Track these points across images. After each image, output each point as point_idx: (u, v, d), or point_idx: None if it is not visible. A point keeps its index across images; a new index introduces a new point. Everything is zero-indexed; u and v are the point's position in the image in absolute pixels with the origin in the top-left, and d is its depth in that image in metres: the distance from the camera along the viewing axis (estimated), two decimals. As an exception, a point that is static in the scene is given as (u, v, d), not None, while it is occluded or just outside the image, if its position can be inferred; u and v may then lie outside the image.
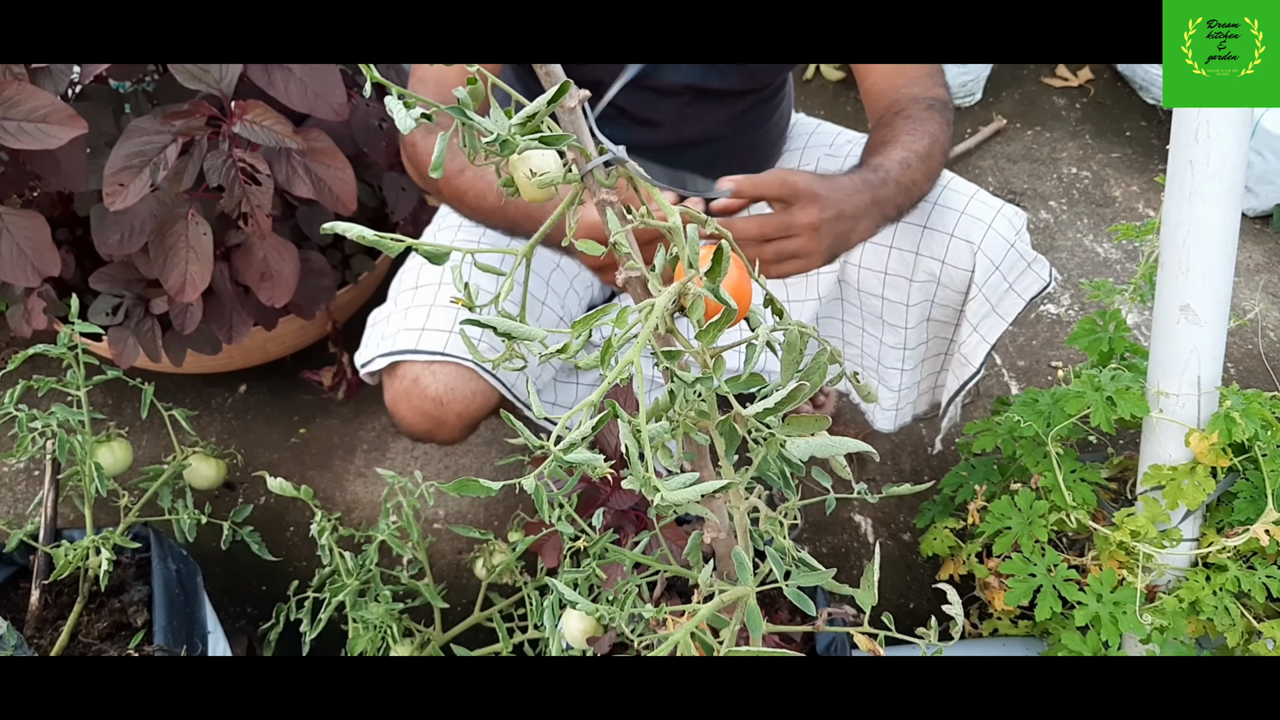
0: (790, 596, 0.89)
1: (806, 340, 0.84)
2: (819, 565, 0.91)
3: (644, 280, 0.81)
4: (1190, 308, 1.22)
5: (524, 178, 0.84)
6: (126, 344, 1.65)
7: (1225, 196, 1.17)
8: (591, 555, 1.13)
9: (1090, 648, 1.29)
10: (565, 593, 0.93)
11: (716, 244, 0.74)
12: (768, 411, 0.77)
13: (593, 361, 0.74)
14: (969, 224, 1.37)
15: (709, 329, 0.75)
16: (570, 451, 0.69)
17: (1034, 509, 1.37)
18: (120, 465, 1.46)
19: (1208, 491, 1.26)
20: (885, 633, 0.92)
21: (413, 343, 1.31)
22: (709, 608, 0.85)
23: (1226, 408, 1.23)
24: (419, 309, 1.34)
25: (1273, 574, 1.26)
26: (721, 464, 0.85)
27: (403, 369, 1.32)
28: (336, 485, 1.88)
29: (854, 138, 1.58)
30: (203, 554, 1.49)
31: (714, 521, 1.01)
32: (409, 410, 1.31)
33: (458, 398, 1.31)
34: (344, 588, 1.31)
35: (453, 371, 1.30)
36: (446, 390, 1.30)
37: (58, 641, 1.27)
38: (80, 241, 1.74)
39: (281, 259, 1.59)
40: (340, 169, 1.56)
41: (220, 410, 2.00)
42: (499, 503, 1.86)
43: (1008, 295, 1.40)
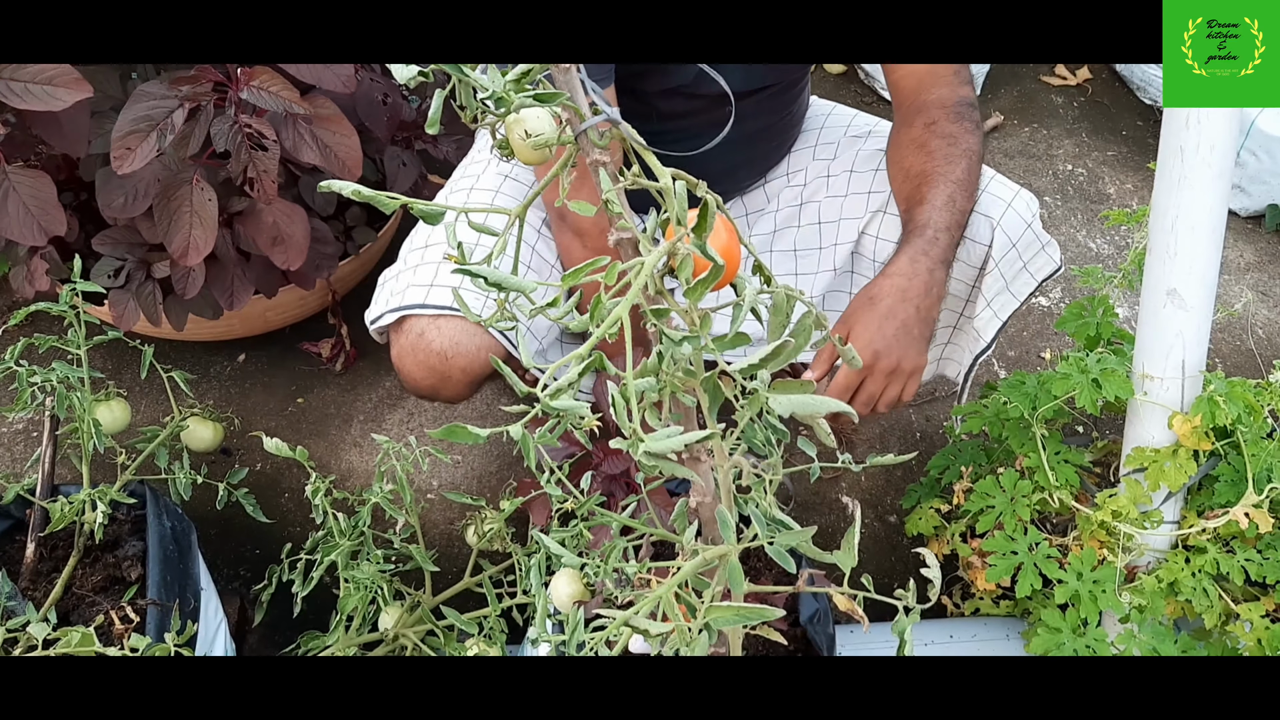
0: (772, 555, 0.91)
1: (793, 303, 0.85)
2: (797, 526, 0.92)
3: (635, 242, 0.83)
4: (1177, 292, 1.24)
5: (519, 139, 0.85)
6: (128, 307, 1.66)
7: (1214, 183, 1.19)
8: (579, 516, 1.15)
9: (1069, 625, 1.31)
10: (551, 546, 0.95)
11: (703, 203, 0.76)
12: (752, 367, 0.79)
13: (583, 324, 0.76)
14: (989, 200, 1.41)
15: (696, 286, 0.77)
16: (556, 398, 0.71)
17: (1018, 489, 1.39)
18: (118, 424, 1.48)
19: (1189, 474, 1.28)
20: (864, 593, 0.94)
21: (420, 298, 1.33)
22: (693, 564, 0.87)
23: (1210, 391, 1.25)
24: (428, 266, 1.36)
25: (1251, 557, 1.29)
26: (706, 421, 0.87)
27: (409, 323, 1.33)
28: (332, 454, 1.90)
29: (871, 121, 1.60)
30: (197, 517, 1.50)
31: (699, 485, 1.03)
32: (414, 365, 1.33)
33: (462, 352, 1.32)
34: (336, 548, 1.33)
35: (458, 326, 1.32)
36: (451, 344, 1.32)
37: (51, 593, 1.29)
38: (84, 206, 1.75)
39: (292, 222, 1.60)
40: (346, 135, 1.57)
41: (219, 378, 2.02)
42: (492, 474, 1.88)
43: (1021, 274, 1.44)
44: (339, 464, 1.89)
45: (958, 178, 1.34)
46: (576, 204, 0.80)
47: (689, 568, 0.86)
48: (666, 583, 0.84)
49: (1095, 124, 2.76)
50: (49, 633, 1.12)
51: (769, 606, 0.82)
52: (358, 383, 2.02)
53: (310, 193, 1.77)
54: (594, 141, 0.81)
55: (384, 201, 0.78)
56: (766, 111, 1.51)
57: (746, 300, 0.81)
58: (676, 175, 0.78)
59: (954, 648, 1.49)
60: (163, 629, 1.22)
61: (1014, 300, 1.46)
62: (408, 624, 1.38)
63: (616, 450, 1.32)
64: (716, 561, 0.95)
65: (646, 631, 0.81)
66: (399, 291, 1.35)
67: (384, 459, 1.36)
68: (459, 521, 1.80)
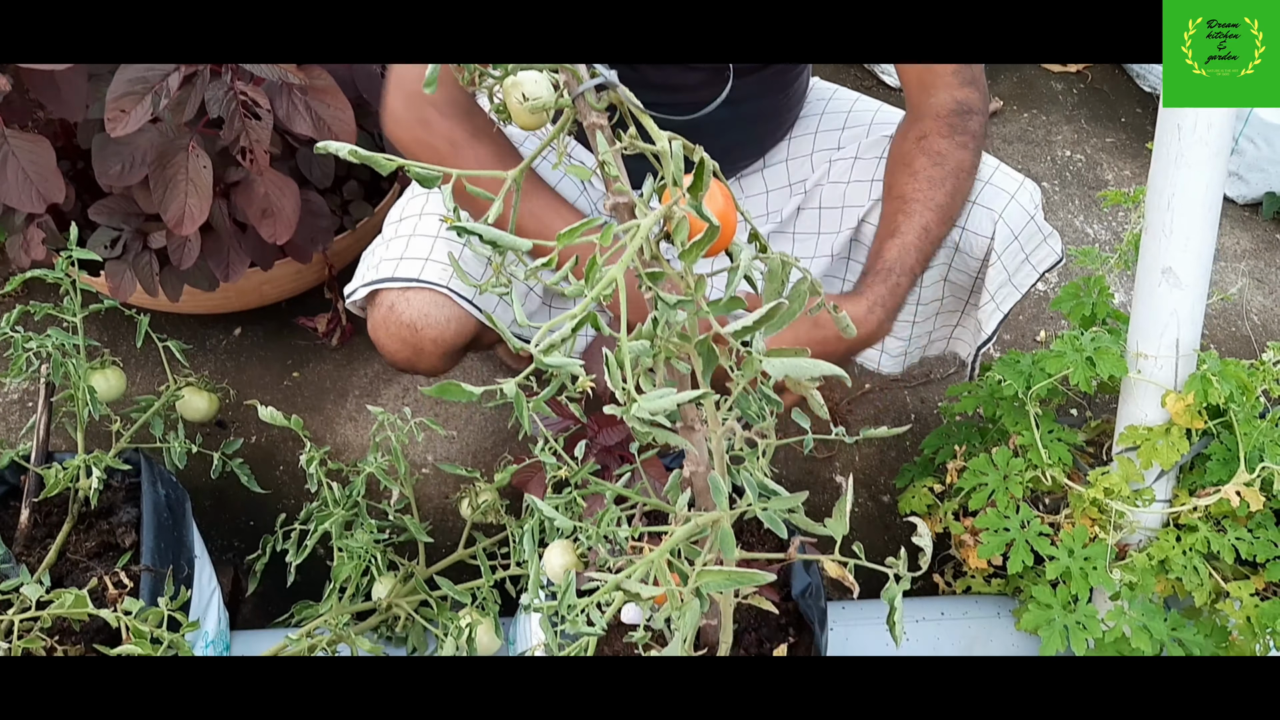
0: (765, 520, 0.91)
1: (789, 269, 0.86)
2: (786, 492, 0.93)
3: (631, 206, 0.83)
4: (1172, 270, 1.24)
5: (516, 103, 0.85)
6: (124, 277, 1.66)
7: (1211, 161, 1.19)
8: (573, 484, 1.15)
9: (1060, 602, 1.32)
10: (544, 509, 0.95)
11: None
12: (747, 330, 0.79)
13: (579, 289, 0.76)
14: (992, 193, 1.40)
15: (692, 248, 0.77)
16: (549, 354, 0.71)
17: (1011, 466, 1.39)
18: (114, 392, 1.48)
19: (1182, 452, 1.28)
20: (856, 561, 0.94)
21: (390, 270, 1.34)
22: (685, 529, 0.88)
23: (1203, 370, 1.26)
24: (400, 239, 1.37)
25: (1242, 536, 1.29)
26: (700, 384, 0.87)
27: (380, 296, 1.35)
28: (327, 428, 1.90)
29: (874, 106, 1.59)
30: (192, 488, 1.50)
31: (693, 454, 1.04)
32: (387, 337, 1.34)
33: (432, 323, 1.33)
34: (330, 517, 1.33)
35: (427, 297, 1.32)
36: (420, 316, 1.32)
37: (45, 558, 1.29)
38: (81, 175, 1.75)
39: (283, 195, 1.60)
40: (341, 109, 1.57)
41: (214, 351, 2.02)
42: (487, 449, 1.88)
43: (1024, 266, 1.44)
44: (334, 438, 1.89)
45: (939, 203, 1.33)
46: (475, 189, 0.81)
47: (681, 533, 0.86)
48: (659, 548, 0.84)
49: (1094, 110, 2.76)
50: (42, 594, 1.12)
51: (760, 571, 0.82)
52: (353, 357, 2.02)
53: (308, 165, 1.76)
54: (591, 104, 0.81)
55: (381, 163, 0.78)
56: (766, 92, 1.50)
57: (741, 265, 0.82)
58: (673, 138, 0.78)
59: (945, 625, 1.50)
60: (156, 594, 1.22)
61: (1016, 292, 1.46)
62: (401, 594, 1.38)
63: (611, 422, 1.33)
64: (709, 530, 0.96)
65: (638, 595, 0.82)
66: (373, 266, 1.37)
67: (379, 430, 1.36)
68: (453, 494, 1.80)
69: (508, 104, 0.86)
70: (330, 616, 1.34)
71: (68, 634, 1.23)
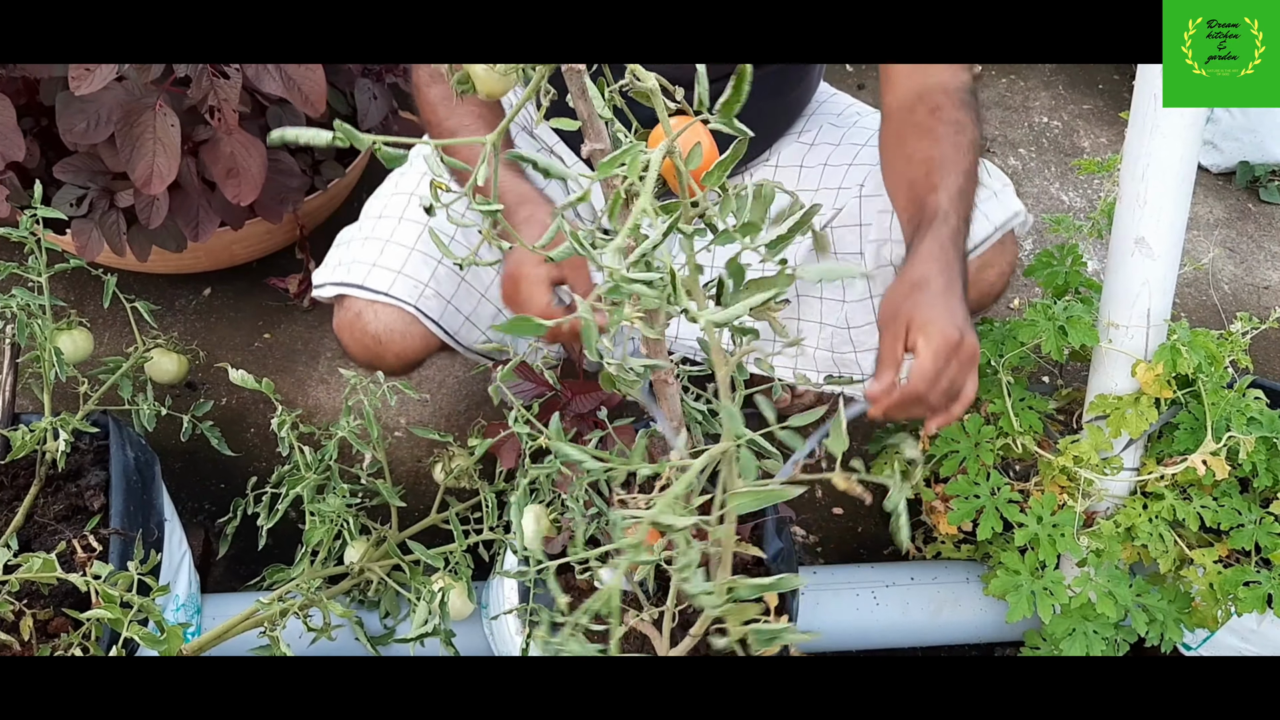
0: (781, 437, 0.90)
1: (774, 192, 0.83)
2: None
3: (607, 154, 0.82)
4: (1145, 240, 1.25)
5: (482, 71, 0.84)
6: (90, 236, 1.63)
7: (1185, 131, 1.19)
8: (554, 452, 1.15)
9: (1028, 568, 1.34)
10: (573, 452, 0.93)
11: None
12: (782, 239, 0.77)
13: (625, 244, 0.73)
14: None
15: (715, 170, 0.76)
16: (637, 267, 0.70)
17: (982, 434, 1.40)
18: (81, 353, 1.46)
19: (1150, 421, 1.30)
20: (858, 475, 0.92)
21: (361, 277, 1.32)
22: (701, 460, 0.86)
23: (1173, 340, 1.27)
24: (375, 242, 1.35)
25: (1207, 504, 1.31)
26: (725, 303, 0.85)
27: (348, 301, 1.34)
28: (299, 390, 1.89)
29: (864, 111, 1.55)
30: (161, 450, 1.49)
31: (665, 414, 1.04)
32: (350, 340, 1.35)
33: (396, 339, 1.33)
34: (302, 480, 1.33)
35: (394, 314, 1.32)
36: (386, 330, 1.33)
37: (12, 522, 1.28)
38: (45, 132, 1.71)
39: (249, 155, 1.58)
40: (311, 69, 1.54)
41: (184, 311, 1.99)
42: (460, 413, 1.88)
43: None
44: (305, 400, 1.87)
45: (967, 169, 1.22)
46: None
47: (701, 461, 0.84)
48: (679, 480, 0.83)
49: (1072, 77, 2.76)
50: (10, 558, 1.11)
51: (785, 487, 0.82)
52: (325, 319, 2.00)
53: (278, 124, 1.74)
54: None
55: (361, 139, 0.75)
56: (776, 91, 1.46)
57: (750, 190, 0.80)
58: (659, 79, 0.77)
59: (914, 589, 1.52)
60: (126, 558, 1.22)
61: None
62: (373, 558, 1.38)
63: (584, 389, 1.32)
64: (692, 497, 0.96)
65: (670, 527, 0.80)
66: (345, 263, 1.35)
67: (351, 393, 1.35)
68: (426, 459, 1.80)
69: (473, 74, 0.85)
70: (302, 580, 1.34)
71: (36, 597, 1.22)
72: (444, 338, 1.36)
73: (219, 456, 1.45)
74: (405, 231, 1.35)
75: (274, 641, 1.26)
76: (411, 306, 1.31)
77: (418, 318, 1.33)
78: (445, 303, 1.34)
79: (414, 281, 1.32)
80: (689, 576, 0.87)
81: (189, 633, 1.36)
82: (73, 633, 1.19)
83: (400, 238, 1.34)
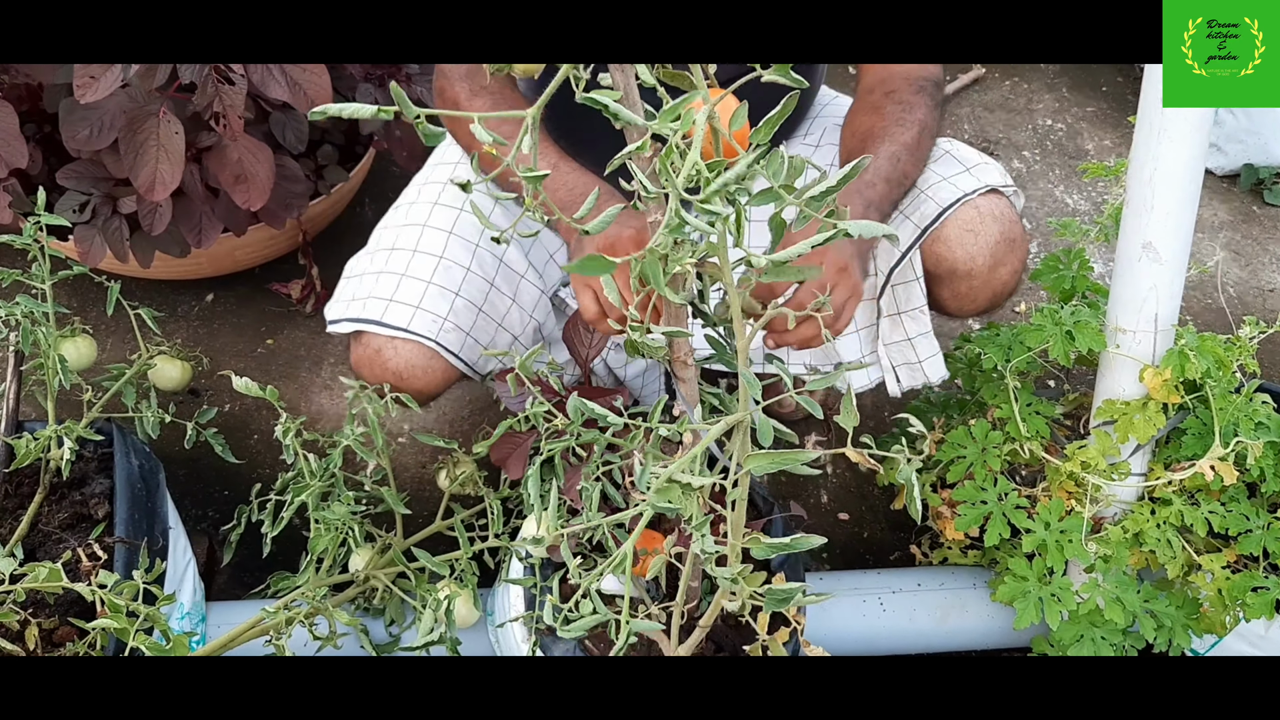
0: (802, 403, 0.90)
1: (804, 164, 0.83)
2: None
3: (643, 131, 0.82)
4: (1152, 245, 1.24)
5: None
6: (93, 243, 1.63)
7: (1192, 135, 1.19)
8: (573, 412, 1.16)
9: (1035, 574, 1.33)
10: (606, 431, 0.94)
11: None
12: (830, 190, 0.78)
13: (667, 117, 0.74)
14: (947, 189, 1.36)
15: (763, 126, 0.77)
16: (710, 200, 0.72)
17: (989, 439, 1.40)
18: (84, 360, 1.46)
19: (1158, 426, 1.29)
20: (867, 450, 0.91)
21: (378, 313, 1.31)
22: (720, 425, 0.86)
23: (1181, 345, 1.26)
24: (390, 276, 1.33)
25: (1215, 510, 1.30)
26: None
27: (367, 338, 1.32)
28: (302, 396, 1.88)
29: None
30: (165, 457, 1.49)
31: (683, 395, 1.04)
32: (370, 376, 1.34)
33: (418, 374, 1.32)
34: (307, 488, 1.32)
35: (414, 349, 1.31)
36: (407, 367, 1.31)
37: (17, 530, 1.28)
38: (48, 139, 1.71)
39: (256, 161, 1.57)
40: (316, 74, 1.54)
41: (186, 317, 1.99)
42: (464, 419, 1.87)
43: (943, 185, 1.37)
44: (309, 406, 1.87)
45: (906, 141, 1.30)
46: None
47: (721, 426, 0.85)
48: (698, 443, 0.83)
49: (1076, 79, 2.75)
50: (15, 568, 1.10)
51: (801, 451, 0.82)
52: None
53: (281, 130, 1.73)
54: None
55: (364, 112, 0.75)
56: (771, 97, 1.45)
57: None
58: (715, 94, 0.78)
59: (921, 595, 1.51)
60: (130, 566, 1.21)
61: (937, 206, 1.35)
62: (378, 566, 1.38)
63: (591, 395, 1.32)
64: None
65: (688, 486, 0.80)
66: (360, 299, 1.33)
67: (355, 400, 1.35)
68: (431, 465, 1.79)
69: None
70: (307, 588, 1.34)
71: (41, 607, 1.22)
72: (464, 369, 1.35)
73: (222, 463, 1.45)
74: (420, 265, 1.33)
75: (279, 650, 1.25)
76: (432, 341, 1.30)
77: (438, 352, 1.32)
78: (464, 335, 1.33)
79: (433, 316, 1.30)
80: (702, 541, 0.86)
81: (194, 641, 1.35)
82: (78, 642, 1.18)
83: (416, 271, 1.33)
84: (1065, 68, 2.78)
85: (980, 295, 1.41)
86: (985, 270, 1.37)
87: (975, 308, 1.43)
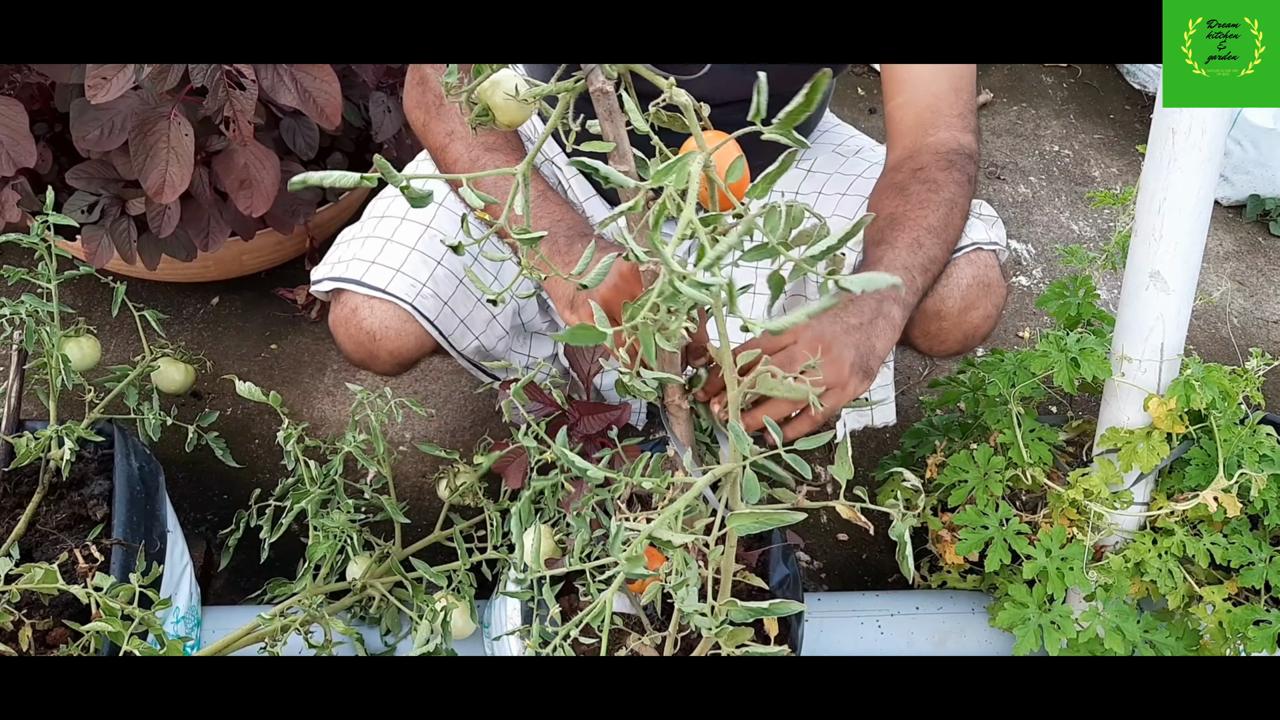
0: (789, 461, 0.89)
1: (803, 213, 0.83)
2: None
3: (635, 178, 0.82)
4: (1160, 274, 1.24)
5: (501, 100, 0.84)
6: (101, 243, 1.63)
7: (1203, 166, 1.19)
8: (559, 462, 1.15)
9: (1035, 601, 1.32)
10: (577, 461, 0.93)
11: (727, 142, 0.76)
12: (830, 249, 0.77)
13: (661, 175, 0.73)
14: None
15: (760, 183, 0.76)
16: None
17: (991, 464, 1.39)
18: (88, 361, 1.45)
19: (1162, 456, 1.29)
20: (861, 504, 0.91)
21: (359, 273, 1.32)
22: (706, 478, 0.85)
23: (1186, 375, 1.26)
24: (375, 240, 1.35)
25: (1218, 541, 1.30)
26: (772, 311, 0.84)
27: (345, 296, 1.33)
28: (304, 402, 1.88)
29: (865, 144, 1.54)
30: (166, 459, 1.48)
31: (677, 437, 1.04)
32: (346, 337, 1.35)
33: (390, 336, 1.33)
34: (307, 495, 1.32)
35: (390, 310, 1.32)
36: (381, 327, 1.32)
37: (14, 530, 1.27)
38: (58, 138, 1.71)
39: (262, 167, 1.57)
40: (327, 82, 1.55)
41: (191, 320, 1.99)
42: (466, 429, 1.87)
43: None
44: (311, 412, 1.87)
45: (930, 224, 1.21)
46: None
47: (705, 480, 0.85)
48: (681, 497, 0.82)
49: (1084, 106, 2.76)
50: (11, 568, 1.10)
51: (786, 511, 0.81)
52: (333, 331, 2.00)
53: (292, 136, 1.74)
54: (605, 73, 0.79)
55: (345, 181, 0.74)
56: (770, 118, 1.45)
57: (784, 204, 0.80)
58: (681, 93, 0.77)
59: (920, 619, 1.50)
60: (127, 569, 1.21)
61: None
62: (376, 574, 1.37)
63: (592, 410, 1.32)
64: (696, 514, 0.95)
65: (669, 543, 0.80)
66: (344, 260, 1.35)
67: (358, 408, 1.34)
68: (431, 475, 1.79)
69: (491, 104, 0.85)
70: (304, 596, 1.33)
71: (36, 607, 1.21)
72: (438, 338, 1.36)
73: (223, 467, 1.44)
74: (407, 231, 1.35)
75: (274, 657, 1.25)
76: (408, 304, 1.31)
77: (413, 316, 1.32)
78: (442, 304, 1.34)
79: (412, 280, 1.32)
80: (685, 596, 0.86)
81: (189, 646, 1.35)
82: (72, 644, 1.18)
83: (401, 237, 1.35)
84: (1073, 95, 2.79)
85: (950, 337, 1.34)
86: (955, 312, 1.31)
87: (945, 349, 1.37)
